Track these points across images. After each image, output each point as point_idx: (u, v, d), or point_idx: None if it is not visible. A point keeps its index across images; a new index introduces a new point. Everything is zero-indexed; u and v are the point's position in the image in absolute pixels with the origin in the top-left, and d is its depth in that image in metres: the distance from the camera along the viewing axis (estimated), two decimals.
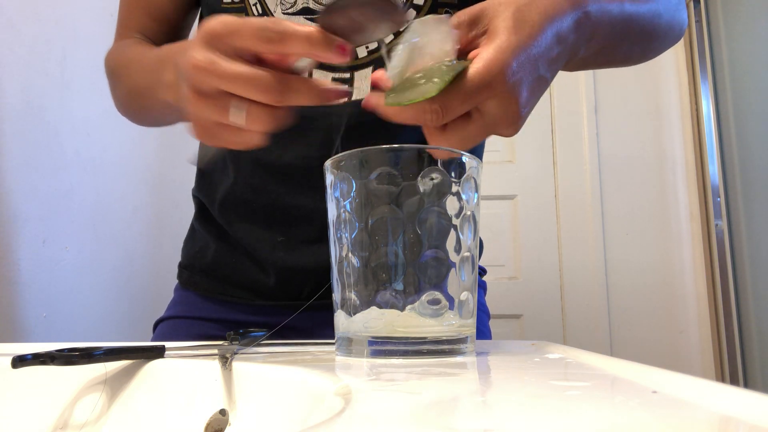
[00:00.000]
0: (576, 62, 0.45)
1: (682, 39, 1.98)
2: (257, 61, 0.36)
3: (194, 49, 0.36)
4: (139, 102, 0.56)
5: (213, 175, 0.68)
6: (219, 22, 0.36)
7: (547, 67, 0.39)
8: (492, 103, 0.37)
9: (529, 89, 0.38)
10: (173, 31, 0.67)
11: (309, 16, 0.57)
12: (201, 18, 0.66)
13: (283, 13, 0.57)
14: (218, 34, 0.35)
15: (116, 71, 0.62)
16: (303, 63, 0.38)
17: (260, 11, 0.57)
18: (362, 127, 0.58)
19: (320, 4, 0.57)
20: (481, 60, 0.36)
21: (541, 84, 0.40)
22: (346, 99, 0.38)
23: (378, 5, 0.36)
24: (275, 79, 0.35)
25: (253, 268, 0.66)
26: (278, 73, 0.35)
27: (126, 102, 0.61)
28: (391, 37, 0.56)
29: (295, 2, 0.57)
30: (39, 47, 0.97)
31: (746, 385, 1.77)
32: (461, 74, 0.36)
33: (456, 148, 0.38)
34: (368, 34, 0.38)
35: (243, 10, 0.58)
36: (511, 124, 0.39)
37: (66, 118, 1.02)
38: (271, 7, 0.57)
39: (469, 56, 0.38)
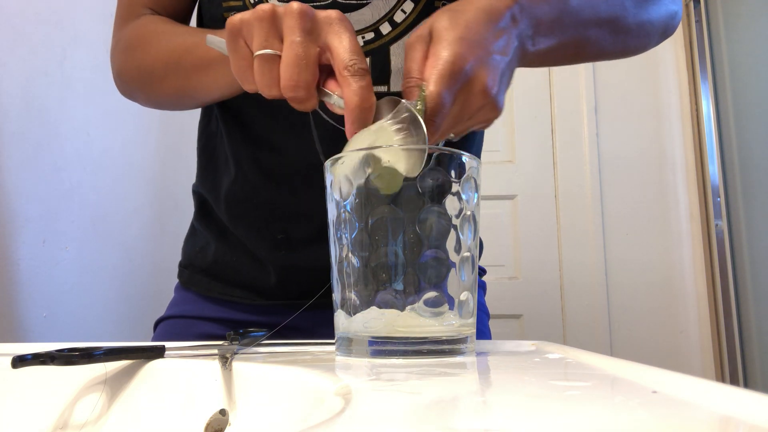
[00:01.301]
0: (538, 55, 0.47)
1: (682, 39, 1.98)
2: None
3: (314, 9, 0.40)
4: (184, 58, 0.55)
5: (216, 171, 0.68)
6: (345, 18, 0.40)
7: (497, 51, 0.42)
8: (463, 94, 0.40)
9: (489, 69, 0.41)
10: (179, 17, 0.65)
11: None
12: (199, 10, 0.65)
13: (279, 0, 0.57)
14: (335, 20, 0.39)
15: (150, 36, 0.60)
16: (334, 99, 0.40)
17: (256, 0, 0.57)
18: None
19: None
20: (436, 65, 0.39)
21: (499, 65, 0.42)
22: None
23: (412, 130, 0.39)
24: (311, 83, 0.39)
25: (253, 267, 0.66)
26: (316, 82, 0.39)
27: (159, 64, 0.58)
28: None
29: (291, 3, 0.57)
30: (39, 47, 0.97)
31: (746, 385, 1.77)
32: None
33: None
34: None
35: (243, 8, 0.58)
36: (487, 105, 0.42)
37: (66, 118, 1.02)
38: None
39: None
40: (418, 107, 0.38)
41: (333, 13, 0.40)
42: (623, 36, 0.57)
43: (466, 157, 0.39)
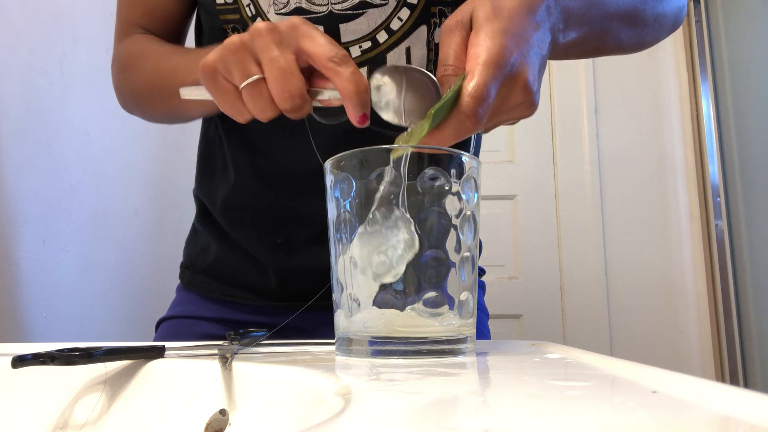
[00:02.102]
0: (564, 48, 0.47)
1: (682, 39, 1.98)
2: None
3: (273, 23, 0.40)
4: (167, 82, 0.56)
5: (213, 177, 0.68)
6: (306, 22, 0.40)
7: (537, 45, 0.41)
8: (505, 88, 0.39)
9: (530, 64, 0.40)
10: (173, 31, 0.66)
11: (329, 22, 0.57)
12: (198, 20, 0.66)
13: (276, 14, 0.57)
14: (298, 26, 0.39)
15: (138, 58, 0.61)
16: (327, 94, 0.40)
17: (253, 12, 0.57)
18: (360, 130, 0.58)
19: (313, 3, 0.56)
20: (481, 55, 0.38)
21: (540, 60, 0.41)
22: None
23: (428, 100, 0.39)
24: (302, 90, 0.39)
25: (253, 270, 0.66)
26: (306, 88, 0.39)
27: (143, 87, 0.60)
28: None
29: (287, 2, 0.57)
30: (39, 47, 0.97)
31: (746, 385, 1.77)
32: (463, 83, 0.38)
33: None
34: (393, 108, 0.41)
35: (237, 11, 0.58)
36: (526, 102, 0.41)
37: (66, 118, 1.02)
38: (264, 7, 0.57)
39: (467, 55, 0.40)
40: (448, 96, 0.37)
41: (295, 20, 0.40)
42: (640, 29, 0.58)
43: (466, 157, 0.39)
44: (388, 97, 0.40)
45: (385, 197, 0.37)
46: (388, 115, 0.41)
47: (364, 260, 0.37)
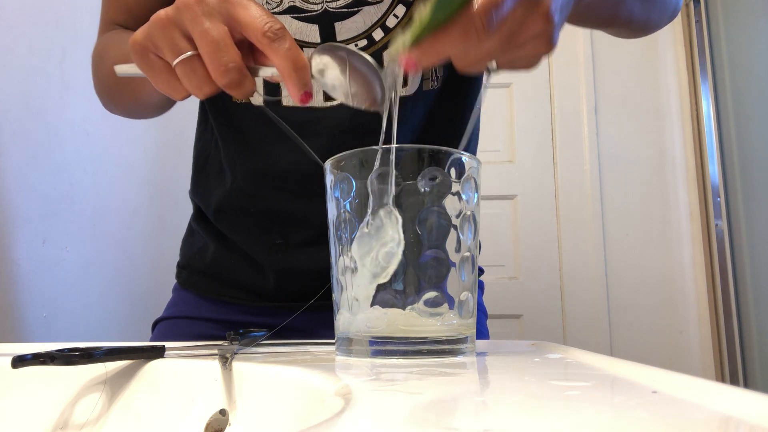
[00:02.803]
0: (585, 6, 0.46)
1: (682, 39, 1.98)
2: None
3: None
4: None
5: (208, 181, 0.68)
6: None
7: None
8: (523, 9, 0.35)
9: None
10: None
11: (298, 15, 0.56)
12: None
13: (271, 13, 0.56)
14: None
15: (102, 53, 0.60)
16: (269, 71, 0.39)
17: None
18: (357, 129, 0.58)
19: (307, 2, 0.56)
20: None
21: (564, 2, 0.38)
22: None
23: (372, 85, 0.38)
24: (238, 64, 0.36)
25: (251, 270, 0.65)
26: (242, 61, 0.37)
27: (107, 80, 0.59)
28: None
29: (281, 2, 0.56)
30: (39, 47, 0.97)
31: (746, 385, 1.77)
32: None
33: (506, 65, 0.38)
34: (341, 91, 0.39)
35: None
36: (544, 34, 0.37)
37: (66, 118, 1.02)
38: None
39: None
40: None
41: None
42: (650, 5, 0.59)
43: (466, 157, 0.39)
44: (333, 79, 0.39)
45: (379, 189, 0.37)
46: (337, 95, 0.39)
47: (358, 262, 0.37)
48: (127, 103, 0.61)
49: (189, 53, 0.37)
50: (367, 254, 0.37)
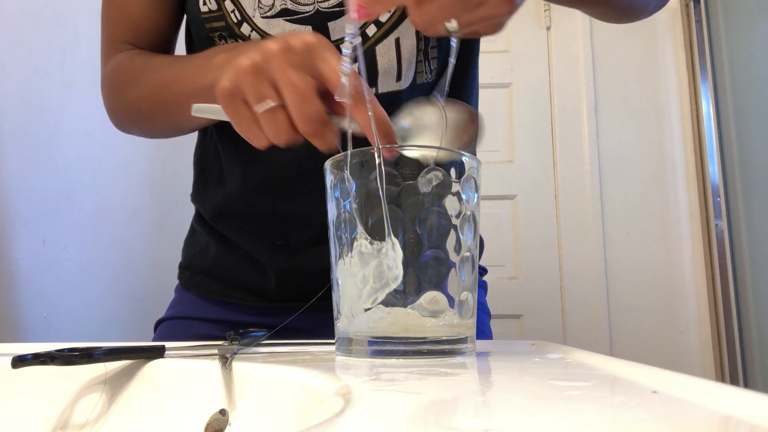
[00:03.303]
0: None
1: (682, 39, 1.98)
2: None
3: (285, 41, 0.38)
4: (162, 98, 0.55)
5: (207, 185, 0.68)
6: (322, 40, 0.38)
7: None
8: None
9: None
10: (162, 44, 0.64)
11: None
12: (188, 30, 0.65)
13: (263, 17, 0.56)
14: (315, 47, 0.38)
15: (131, 73, 0.60)
16: (347, 124, 0.40)
17: (239, 17, 0.56)
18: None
19: (298, 3, 0.56)
20: None
21: None
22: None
23: (468, 131, 0.39)
24: (322, 114, 0.38)
25: (253, 271, 0.65)
26: (325, 112, 0.38)
27: (138, 104, 0.59)
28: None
29: (272, 5, 0.56)
30: (39, 47, 0.97)
31: (746, 385, 1.77)
32: None
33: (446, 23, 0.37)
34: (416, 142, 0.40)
35: (222, 18, 0.57)
36: None
37: (66, 118, 1.02)
38: (249, 12, 0.56)
39: None
40: None
41: (309, 39, 0.38)
42: None
43: (466, 157, 0.39)
44: (423, 133, 0.40)
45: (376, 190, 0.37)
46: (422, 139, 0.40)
47: (359, 282, 0.38)
48: (159, 126, 0.61)
49: (272, 103, 0.38)
50: (361, 280, 0.37)
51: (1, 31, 0.89)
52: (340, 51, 0.57)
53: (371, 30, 0.56)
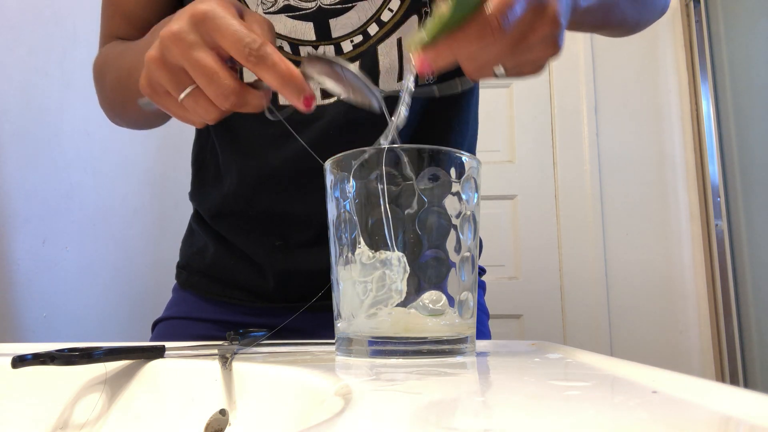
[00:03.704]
0: (581, 14, 0.46)
1: (682, 39, 1.98)
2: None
3: (179, 20, 0.38)
4: (126, 86, 0.54)
5: (205, 184, 0.67)
6: (212, 7, 0.37)
7: None
8: (532, 14, 0.36)
9: None
10: None
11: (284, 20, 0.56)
12: None
13: (265, 13, 0.55)
14: (204, 19, 0.37)
15: (104, 67, 0.60)
16: (266, 84, 0.39)
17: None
18: (349, 126, 0.58)
19: (302, 0, 0.55)
20: None
21: (567, 1, 0.39)
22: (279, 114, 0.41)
23: (361, 86, 0.39)
24: (234, 87, 0.37)
25: (251, 271, 0.65)
26: (238, 82, 0.38)
27: (112, 94, 0.59)
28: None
29: (275, 1, 0.56)
30: (39, 47, 0.97)
31: (746, 385, 1.77)
32: None
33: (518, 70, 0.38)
34: (340, 92, 0.41)
35: None
36: (551, 38, 0.38)
37: (66, 118, 1.02)
38: (252, 7, 0.55)
39: None
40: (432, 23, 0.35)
41: (197, 11, 0.37)
42: (640, 6, 0.60)
43: (466, 157, 0.39)
44: (328, 83, 0.40)
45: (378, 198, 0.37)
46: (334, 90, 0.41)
47: (360, 293, 0.38)
48: (133, 116, 0.63)
49: (189, 89, 0.38)
50: (363, 291, 0.37)
51: (1, 31, 0.89)
52: (340, 50, 0.56)
53: (373, 29, 0.56)
